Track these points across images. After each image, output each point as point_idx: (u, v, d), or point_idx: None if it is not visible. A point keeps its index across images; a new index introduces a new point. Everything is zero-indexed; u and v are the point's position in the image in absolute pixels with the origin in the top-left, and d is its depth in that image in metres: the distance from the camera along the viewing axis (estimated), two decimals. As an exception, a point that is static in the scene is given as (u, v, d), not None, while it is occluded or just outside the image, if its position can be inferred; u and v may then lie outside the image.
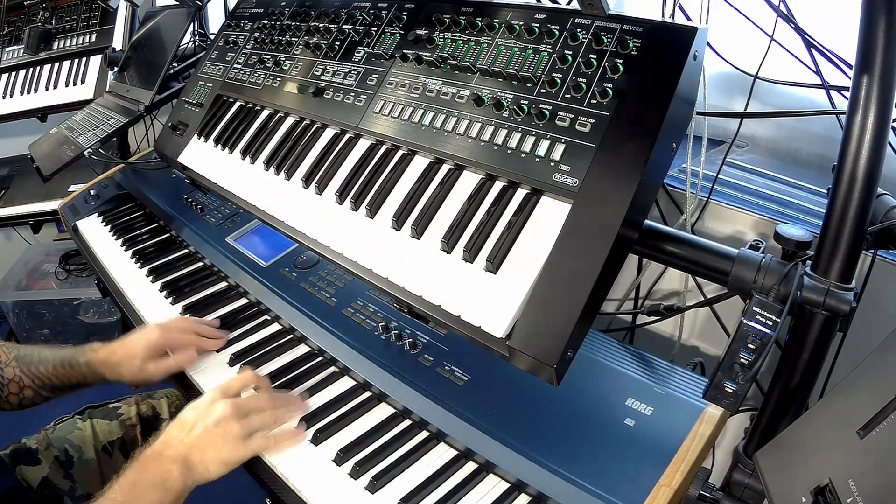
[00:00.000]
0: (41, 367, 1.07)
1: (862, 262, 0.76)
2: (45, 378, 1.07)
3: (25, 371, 1.06)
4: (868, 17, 0.61)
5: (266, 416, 0.89)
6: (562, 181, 0.73)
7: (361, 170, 0.94)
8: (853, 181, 0.64)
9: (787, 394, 0.73)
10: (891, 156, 0.68)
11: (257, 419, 0.88)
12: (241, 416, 0.86)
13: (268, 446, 0.87)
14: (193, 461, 0.82)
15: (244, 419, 0.86)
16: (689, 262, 0.78)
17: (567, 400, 0.87)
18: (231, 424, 0.84)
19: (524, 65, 0.82)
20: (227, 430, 0.84)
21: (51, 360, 1.07)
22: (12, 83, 2.34)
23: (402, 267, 0.82)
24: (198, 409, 0.87)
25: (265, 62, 1.22)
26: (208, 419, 0.85)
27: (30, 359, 1.07)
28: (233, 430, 0.84)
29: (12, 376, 1.05)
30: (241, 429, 0.85)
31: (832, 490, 0.55)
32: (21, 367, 1.06)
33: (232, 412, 0.85)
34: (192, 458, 0.82)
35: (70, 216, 1.64)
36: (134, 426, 1.18)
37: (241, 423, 0.85)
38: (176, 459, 0.81)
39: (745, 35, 1.16)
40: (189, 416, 0.86)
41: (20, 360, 1.07)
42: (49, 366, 1.07)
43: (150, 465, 0.82)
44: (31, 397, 1.07)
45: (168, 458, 0.82)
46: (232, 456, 0.83)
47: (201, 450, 0.82)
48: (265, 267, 1.25)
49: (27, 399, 1.07)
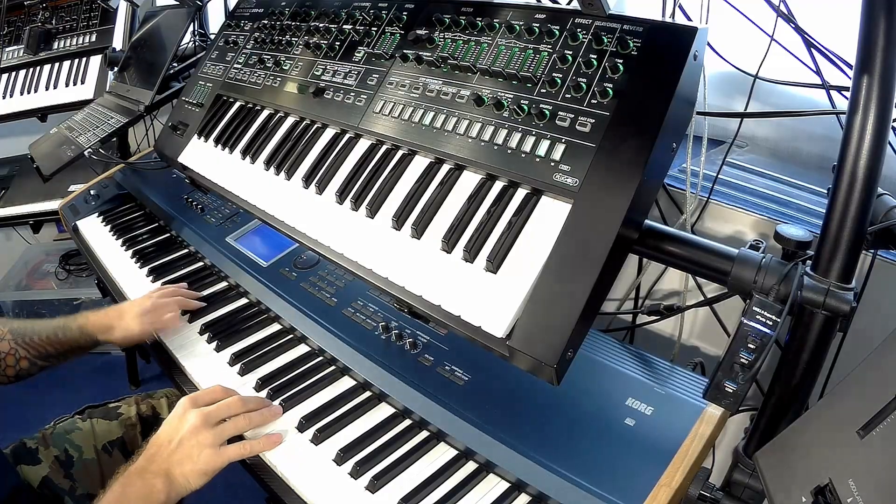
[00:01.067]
0: (35, 337, 1.11)
1: (862, 262, 0.76)
2: (40, 347, 1.11)
3: (20, 342, 1.10)
4: (868, 17, 0.61)
5: (238, 420, 0.89)
6: (562, 181, 0.73)
7: (361, 170, 0.94)
8: (853, 181, 0.64)
9: (787, 394, 0.73)
10: (891, 156, 0.68)
11: (230, 426, 0.88)
12: (211, 424, 0.86)
13: (244, 453, 0.87)
14: (174, 475, 0.83)
15: (215, 427, 0.86)
16: (689, 262, 0.78)
17: (567, 400, 0.87)
18: (203, 434, 0.85)
19: (524, 65, 0.82)
20: (199, 440, 0.85)
21: (44, 329, 1.12)
22: (12, 83, 2.33)
23: (402, 267, 0.82)
24: (171, 424, 0.88)
25: (265, 62, 1.22)
26: (181, 432, 0.86)
27: (23, 330, 1.12)
28: (205, 439, 0.85)
29: (8, 349, 1.09)
30: (213, 437, 0.85)
31: (832, 490, 0.55)
32: (15, 338, 1.10)
33: (202, 422, 0.86)
34: (173, 472, 0.83)
35: (70, 216, 1.64)
36: (134, 426, 1.18)
37: (212, 432, 0.86)
38: (158, 474, 0.83)
39: (745, 35, 1.16)
40: (165, 432, 0.87)
41: (14, 333, 1.11)
42: (42, 335, 1.12)
43: (136, 480, 0.83)
44: (28, 368, 1.11)
45: (151, 473, 0.83)
46: (209, 466, 0.84)
47: (180, 463, 0.83)
48: (265, 267, 1.25)
49: (23, 370, 1.11)
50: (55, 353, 1.13)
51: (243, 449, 0.87)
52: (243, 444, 0.87)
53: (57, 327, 1.13)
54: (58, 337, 1.12)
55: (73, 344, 1.13)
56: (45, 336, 1.11)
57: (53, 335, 1.12)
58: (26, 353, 1.10)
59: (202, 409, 0.88)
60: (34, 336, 1.11)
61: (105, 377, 2.55)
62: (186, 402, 0.89)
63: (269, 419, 0.92)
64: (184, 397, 0.91)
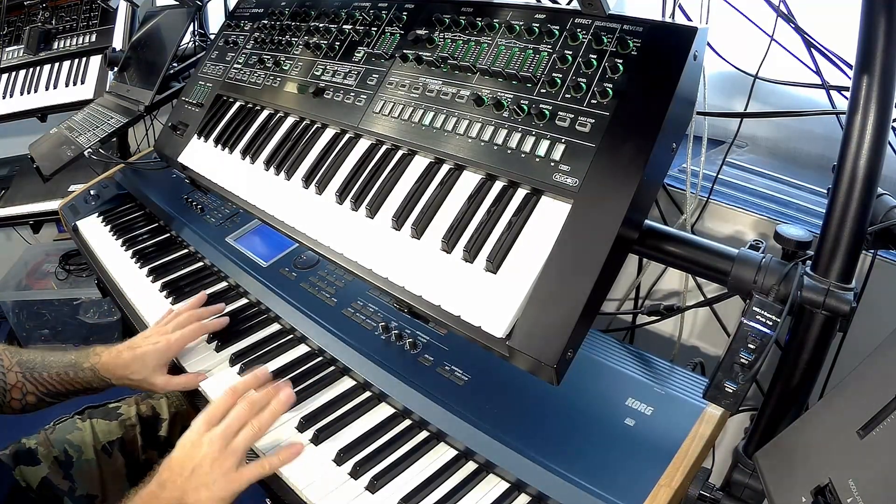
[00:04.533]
0: (44, 373, 1.05)
1: (862, 262, 0.76)
2: (49, 384, 1.05)
3: (28, 377, 1.04)
4: (868, 17, 0.61)
5: (250, 432, 0.85)
6: (562, 181, 0.73)
7: (361, 170, 0.94)
8: (853, 181, 0.64)
9: (787, 394, 0.73)
10: (891, 156, 0.68)
11: (242, 441, 0.84)
12: (227, 443, 0.83)
13: (262, 472, 0.84)
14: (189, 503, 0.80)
15: (231, 446, 0.83)
16: (689, 262, 0.78)
17: (567, 400, 0.87)
18: (220, 461, 0.82)
19: (524, 65, 0.82)
20: (216, 466, 0.81)
21: (54, 365, 1.05)
22: (12, 83, 2.33)
23: (402, 267, 0.82)
24: (185, 448, 0.84)
25: (265, 62, 1.22)
26: (196, 458, 0.82)
27: (32, 364, 1.05)
28: (223, 464, 0.82)
29: (14, 382, 1.03)
30: (231, 461, 0.82)
31: (832, 490, 0.55)
32: (24, 372, 1.04)
33: (219, 447, 0.83)
34: (187, 500, 0.80)
35: (70, 216, 1.64)
36: (133, 426, 1.18)
37: (230, 454, 0.82)
38: (171, 502, 0.80)
39: (745, 35, 1.16)
40: (178, 455, 0.84)
41: (23, 366, 1.05)
42: (52, 371, 1.05)
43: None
44: (35, 403, 1.05)
45: (163, 501, 0.80)
46: (226, 492, 0.81)
47: (195, 490, 0.80)
48: (265, 267, 1.25)
49: (30, 405, 1.05)
50: (64, 392, 1.06)
51: (262, 468, 0.84)
52: (261, 463, 0.84)
53: (68, 365, 1.05)
54: (69, 376, 1.05)
55: (84, 385, 1.06)
56: (55, 373, 1.05)
57: (64, 374, 1.05)
58: (34, 389, 1.04)
59: (218, 432, 0.84)
60: (43, 372, 1.05)
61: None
62: (202, 425, 0.86)
63: (279, 411, 0.89)
64: (198, 417, 0.87)
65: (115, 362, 1.04)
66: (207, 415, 0.87)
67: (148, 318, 1.22)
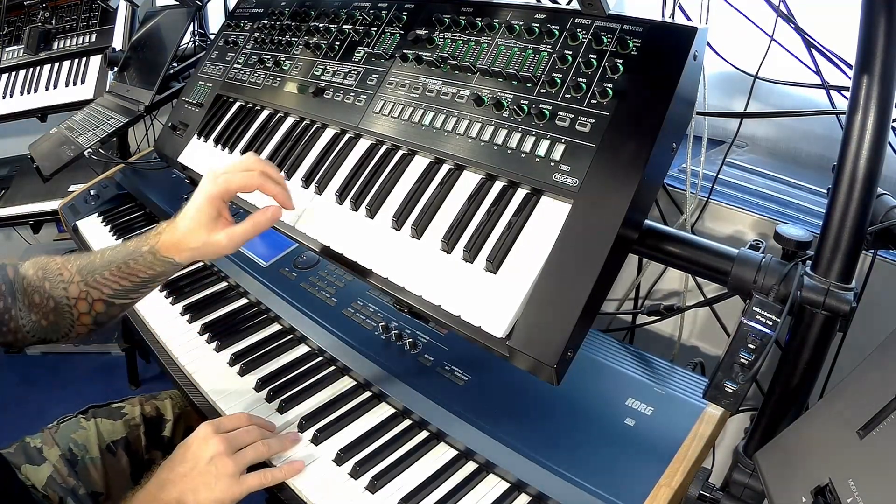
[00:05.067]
0: (105, 272, 0.93)
1: (862, 262, 0.76)
2: (113, 283, 0.94)
3: (91, 282, 0.93)
4: (868, 17, 0.61)
5: (259, 447, 0.85)
6: (562, 181, 0.73)
7: (361, 170, 0.94)
8: (853, 181, 0.64)
9: (787, 394, 0.73)
10: (891, 156, 0.68)
11: (250, 453, 0.84)
12: (232, 451, 0.83)
13: (264, 482, 0.83)
14: (187, 502, 0.80)
15: (236, 454, 0.83)
16: (689, 262, 0.78)
17: (567, 400, 0.87)
18: (224, 462, 0.81)
19: (524, 65, 0.82)
20: (219, 468, 0.81)
21: (114, 260, 0.94)
22: (12, 83, 2.33)
23: (402, 267, 0.82)
24: (189, 448, 0.84)
25: (265, 62, 1.22)
26: (200, 458, 0.82)
27: (92, 266, 0.94)
28: (226, 468, 0.81)
29: (77, 293, 0.93)
30: (234, 466, 0.82)
31: (832, 490, 0.55)
32: (84, 279, 0.94)
33: (224, 449, 0.82)
34: (186, 500, 0.79)
35: (70, 216, 1.64)
36: (137, 426, 1.18)
37: (233, 460, 0.82)
38: (170, 503, 0.80)
39: (745, 35, 1.16)
40: (180, 455, 0.83)
41: (82, 272, 0.94)
42: (113, 267, 0.93)
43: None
44: (105, 311, 0.95)
45: (162, 502, 0.80)
46: (226, 495, 0.80)
47: (195, 490, 0.80)
48: (265, 267, 1.25)
49: (101, 314, 0.95)
50: (132, 287, 0.94)
51: (264, 478, 0.83)
52: (264, 473, 0.84)
53: (128, 255, 0.93)
54: (129, 267, 0.93)
55: (149, 273, 0.93)
56: (116, 268, 0.93)
57: (125, 265, 0.93)
58: (99, 295, 0.93)
59: (224, 435, 0.84)
60: (104, 271, 0.93)
61: (105, 377, 2.56)
62: (208, 428, 0.85)
63: (288, 446, 0.89)
64: (205, 422, 0.87)
65: (173, 237, 0.92)
66: (216, 423, 0.87)
67: (148, 317, 1.22)
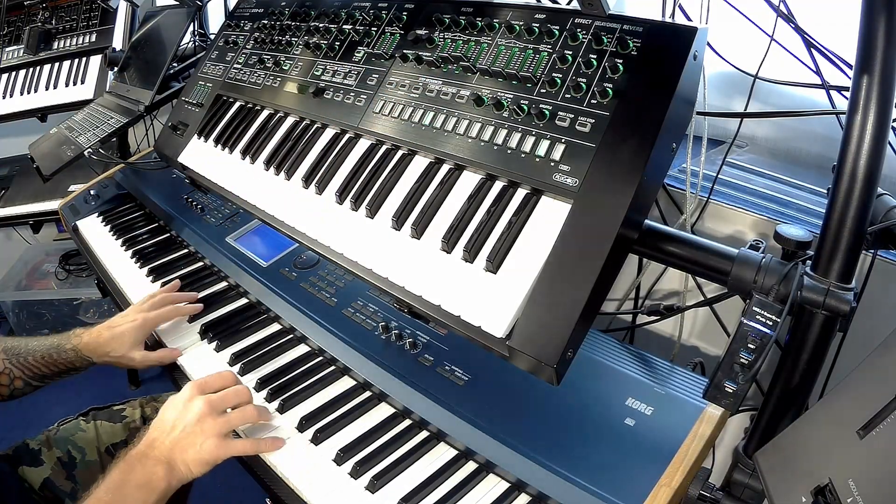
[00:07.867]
0: (29, 357, 1.09)
1: (862, 262, 0.76)
2: (35, 368, 1.09)
3: (15, 363, 1.08)
4: (868, 17, 0.61)
5: (247, 410, 0.88)
6: (562, 181, 0.73)
7: (361, 170, 0.94)
8: (853, 181, 0.64)
9: (787, 394, 0.73)
10: (891, 156, 0.68)
11: (236, 416, 0.87)
12: (218, 412, 0.86)
13: (248, 450, 0.86)
14: (176, 461, 0.82)
15: (222, 416, 0.86)
16: (689, 262, 0.78)
17: (567, 400, 0.87)
18: (209, 422, 0.84)
19: (524, 65, 0.82)
20: (205, 428, 0.84)
21: (38, 349, 1.10)
22: (12, 83, 2.33)
23: (402, 267, 0.82)
24: (175, 407, 0.87)
25: (265, 62, 1.22)
26: (186, 418, 0.85)
27: (18, 350, 1.09)
28: (211, 427, 0.84)
29: (2, 368, 1.07)
30: (219, 426, 0.84)
31: (832, 490, 0.55)
32: (9, 358, 1.08)
33: (208, 409, 0.85)
34: (174, 458, 0.82)
35: (70, 216, 1.64)
36: (138, 429, 1.18)
37: (219, 421, 0.85)
38: (160, 460, 0.82)
39: (745, 35, 1.16)
40: (168, 416, 0.86)
41: (8, 352, 1.08)
42: (37, 355, 1.09)
43: (136, 465, 0.82)
44: (22, 388, 1.09)
45: (153, 459, 0.82)
46: (211, 455, 0.83)
47: (182, 450, 0.83)
48: (265, 267, 1.25)
49: (18, 390, 1.09)
50: (50, 374, 1.10)
51: (249, 446, 0.86)
52: (251, 442, 0.87)
53: (51, 347, 1.10)
54: (52, 358, 1.09)
55: (68, 365, 1.10)
56: (40, 356, 1.09)
57: (48, 356, 1.09)
58: (21, 374, 1.08)
59: (209, 396, 0.87)
60: (28, 356, 1.09)
61: (105, 377, 2.53)
62: (194, 388, 0.88)
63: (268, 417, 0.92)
64: (191, 381, 0.90)
65: (95, 342, 1.09)
66: (200, 382, 0.90)
67: (148, 318, 1.21)
